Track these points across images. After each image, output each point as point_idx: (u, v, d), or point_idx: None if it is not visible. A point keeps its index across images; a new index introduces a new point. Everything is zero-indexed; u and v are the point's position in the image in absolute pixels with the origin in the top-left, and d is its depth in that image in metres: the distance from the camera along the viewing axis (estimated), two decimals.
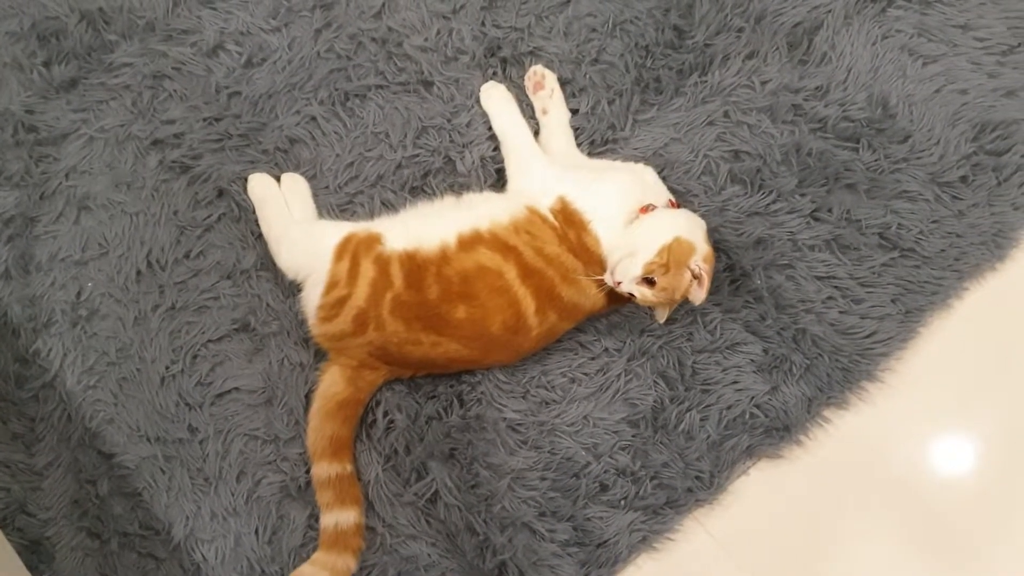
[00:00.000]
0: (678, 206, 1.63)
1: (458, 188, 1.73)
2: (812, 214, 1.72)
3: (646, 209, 1.56)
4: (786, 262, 1.70)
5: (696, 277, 1.49)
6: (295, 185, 1.72)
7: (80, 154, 1.76)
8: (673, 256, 1.48)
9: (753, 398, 1.65)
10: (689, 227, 1.54)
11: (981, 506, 1.63)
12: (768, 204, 1.73)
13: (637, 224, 1.55)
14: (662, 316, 1.58)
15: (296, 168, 1.75)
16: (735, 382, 1.66)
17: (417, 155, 1.76)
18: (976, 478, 1.65)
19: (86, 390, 1.67)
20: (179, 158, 1.75)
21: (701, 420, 1.65)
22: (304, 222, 1.68)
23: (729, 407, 1.65)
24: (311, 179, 1.75)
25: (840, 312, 1.68)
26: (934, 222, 1.72)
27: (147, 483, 1.64)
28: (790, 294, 1.69)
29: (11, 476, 1.66)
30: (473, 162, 1.74)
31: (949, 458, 1.67)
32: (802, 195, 1.73)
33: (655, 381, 1.67)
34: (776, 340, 1.68)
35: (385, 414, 1.67)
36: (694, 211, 1.71)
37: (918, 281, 1.70)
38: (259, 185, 1.71)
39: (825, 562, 1.62)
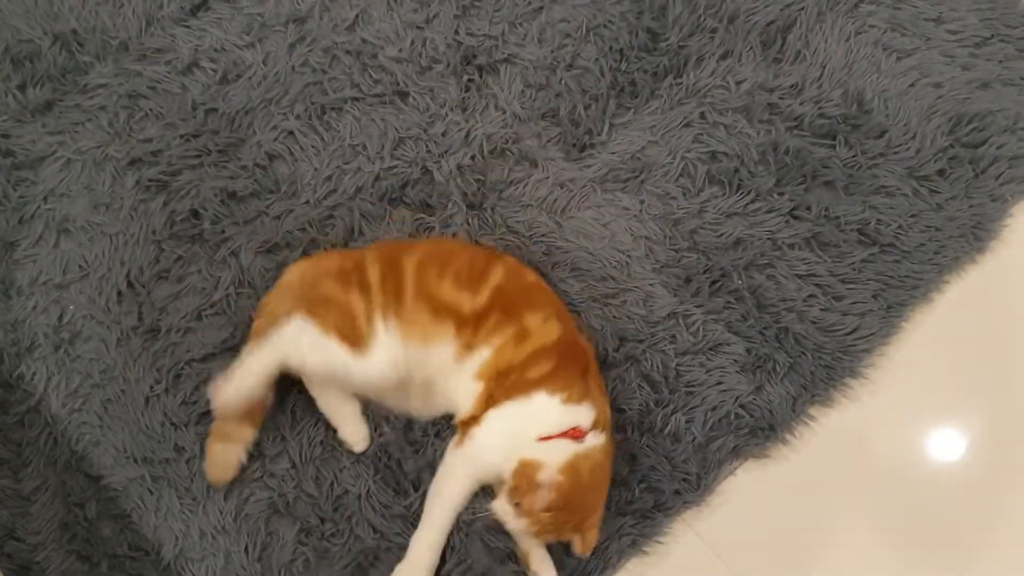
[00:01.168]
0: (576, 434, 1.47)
1: (437, 198, 1.72)
2: (791, 212, 1.71)
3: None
4: (766, 261, 1.69)
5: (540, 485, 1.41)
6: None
7: (58, 177, 1.74)
8: (522, 477, 1.41)
9: (738, 398, 1.63)
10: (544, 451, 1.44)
11: (969, 498, 1.61)
12: (746, 204, 1.71)
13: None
14: (578, 546, 1.47)
15: (275, 184, 1.73)
16: (719, 383, 1.64)
17: (395, 166, 1.74)
18: (964, 470, 1.63)
19: (71, 413, 1.65)
20: (157, 175, 1.73)
21: (687, 422, 1.62)
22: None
23: (714, 408, 1.63)
24: (291, 196, 1.74)
25: (822, 310, 1.67)
26: (913, 216, 1.71)
27: (135, 504, 1.61)
28: (771, 293, 1.67)
29: None
30: (450, 171, 1.72)
31: (936, 451, 1.65)
32: (780, 194, 1.71)
33: (640, 385, 1.64)
34: (759, 340, 1.66)
35: (375, 427, 1.65)
36: (671, 214, 1.70)
37: (898, 276, 1.68)
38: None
39: (815, 559, 1.60)
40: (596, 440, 1.47)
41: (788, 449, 1.64)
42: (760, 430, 1.62)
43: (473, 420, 1.50)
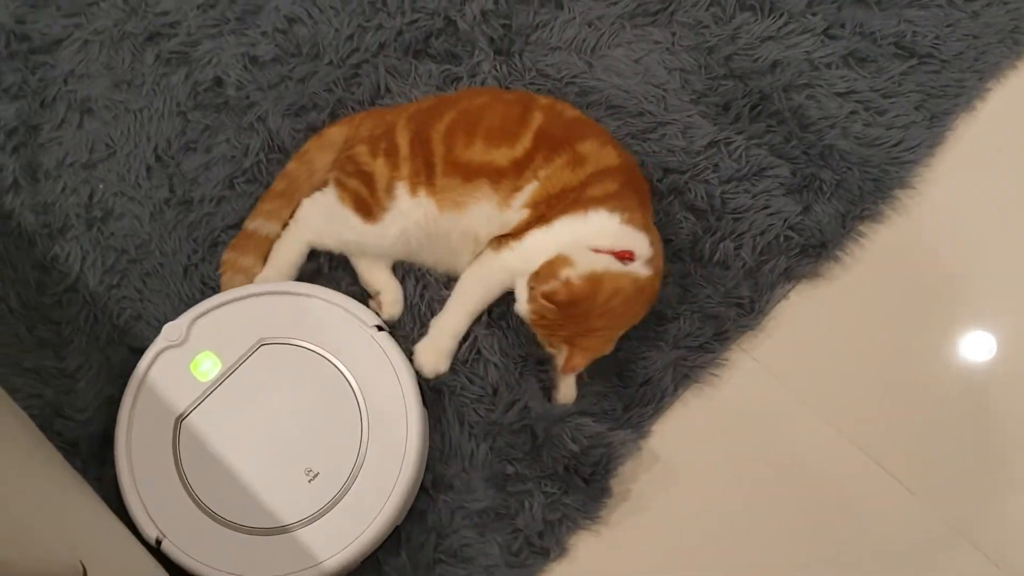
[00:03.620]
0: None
1: (462, 47, 1.66)
2: (825, 32, 1.64)
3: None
4: (804, 82, 1.61)
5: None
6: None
7: (76, 58, 1.68)
8: (548, 266, 1.33)
9: (786, 220, 1.55)
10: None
11: None
12: (780, 27, 1.64)
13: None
14: (560, 360, 1.39)
15: (297, 47, 1.68)
16: (766, 207, 1.56)
17: (416, 19, 1.67)
18: (1017, 273, 1.57)
19: (110, 289, 1.58)
20: (177, 48, 1.67)
21: (735, 248, 1.53)
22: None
23: (762, 232, 1.55)
24: (314, 58, 1.68)
25: (865, 125, 1.59)
26: (949, 26, 1.63)
27: None
28: (812, 112, 1.59)
29: (43, 382, 1.56)
30: (474, 17, 1.65)
31: (990, 256, 1.58)
32: (813, 14, 1.64)
33: (685, 216, 1.57)
34: (803, 160, 1.58)
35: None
36: (704, 43, 1.65)
37: (939, 86, 1.61)
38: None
39: (872, 376, 1.53)
40: (638, 270, 1.38)
41: (840, 268, 1.56)
42: (811, 248, 1.55)
43: (511, 235, 1.43)
